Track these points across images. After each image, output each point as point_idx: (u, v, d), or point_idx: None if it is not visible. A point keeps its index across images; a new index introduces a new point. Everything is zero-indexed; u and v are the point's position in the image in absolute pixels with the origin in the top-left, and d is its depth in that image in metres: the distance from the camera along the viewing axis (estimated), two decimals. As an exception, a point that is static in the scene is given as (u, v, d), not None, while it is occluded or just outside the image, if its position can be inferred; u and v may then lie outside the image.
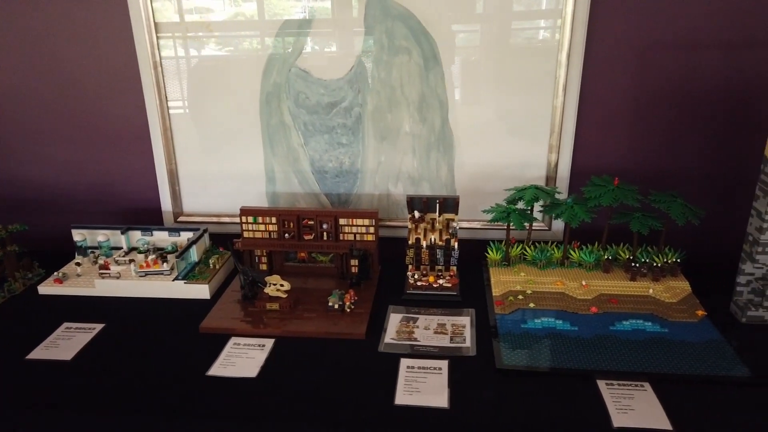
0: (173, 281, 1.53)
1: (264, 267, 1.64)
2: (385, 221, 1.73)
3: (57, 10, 1.62)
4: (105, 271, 1.56)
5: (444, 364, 1.22)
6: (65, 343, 1.32)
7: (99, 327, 1.39)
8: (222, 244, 1.70)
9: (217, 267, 1.60)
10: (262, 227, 1.60)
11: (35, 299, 1.54)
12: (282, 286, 1.45)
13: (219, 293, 1.53)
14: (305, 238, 1.59)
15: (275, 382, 1.18)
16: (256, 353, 1.27)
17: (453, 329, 1.35)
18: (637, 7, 1.47)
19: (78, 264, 1.64)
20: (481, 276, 1.60)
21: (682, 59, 1.51)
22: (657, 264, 1.49)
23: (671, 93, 1.54)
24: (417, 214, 1.56)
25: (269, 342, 1.31)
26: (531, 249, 1.58)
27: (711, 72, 1.51)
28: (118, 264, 1.62)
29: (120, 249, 1.70)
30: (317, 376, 1.20)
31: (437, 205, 1.56)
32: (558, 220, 1.52)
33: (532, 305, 1.42)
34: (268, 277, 1.47)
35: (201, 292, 1.52)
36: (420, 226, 1.57)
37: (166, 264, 1.57)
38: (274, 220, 1.59)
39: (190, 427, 1.09)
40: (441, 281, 1.54)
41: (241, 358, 1.26)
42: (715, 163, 1.60)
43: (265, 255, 1.63)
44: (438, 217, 1.57)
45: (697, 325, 1.33)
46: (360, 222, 1.56)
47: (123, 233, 1.70)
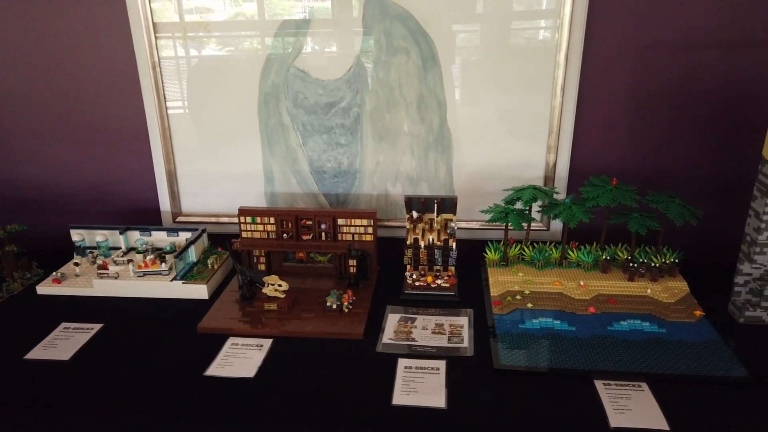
0: (171, 281, 1.53)
1: (262, 267, 1.64)
2: (384, 221, 1.73)
3: (56, 10, 1.62)
4: (103, 271, 1.56)
5: (442, 364, 1.22)
6: (63, 343, 1.32)
7: (97, 327, 1.39)
8: (220, 244, 1.70)
9: (216, 267, 1.60)
10: (260, 227, 1.60)
11: (34, 299, 1.55)
12: (280, 286, 1.46)
13: (217, 293, 1.53)
14: (303, 238, 1.59)
15: (273, 382, 1.18)
16: (254, 353, 1.27)
17: (451, 329, 1.35)
18: (636, 8, 1.47)
19: (76, 264, 1.65)
20: (480, 276, 1.60)
21: (680, 59, 1.51)
22: (655, 264, 1.49)
23: (670, 93, 1.54)
24: (415, 214, 1.56)
25: (267, 342, 1.31)
26: (529, 249, 1.58)
27: (709, 72, 1.51)
28: (116, 264, 1.62)
29: (118, 249, 1.70)
30: (315, 376, 1.20)
31: (435, 206, 1.56)
32: (556, 220, 1.51)
33: (530, 305, 1.42)
34: (266, 278, 1.47)
35: (199, 292, 1.52)
36: (418, 226, 1.57)
37: (164, 264, 1.57)
38: (272, 220, 1.59)
39: (187, 427, 1.09)
40: (439, 281, 1.54)
41: (239, 358, 1.26)
42: (714, 164, 1.60)
43: (264, 255, 1.63)
44: (436, 218, 1.57)
45: (695, 326, 1.33)
46: (358, 222, 1.56)
47: (121, 233, 1.70)
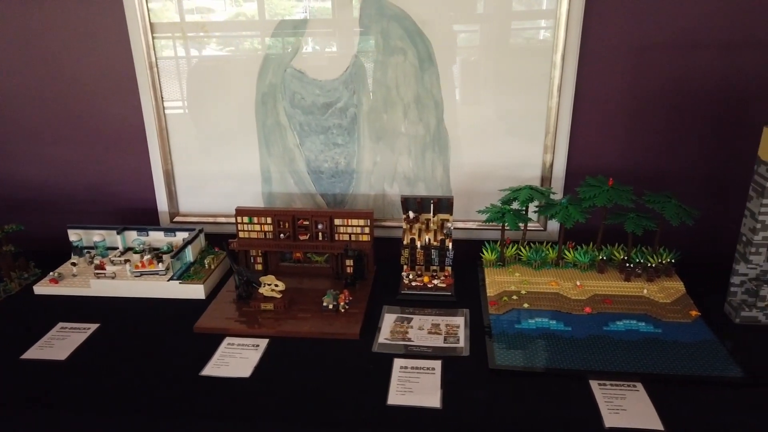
0: (168, 281, 1.53)
1: (259, 267, 1.64)
2: (381, 221, 1.73)
3: (53, 10, 1.62)
4: (100, 271, 1.56)
5: (437, 364, 1.22)
6: (60, 343, 1.32)
7: (94, 327, 1.39)
8: (218, 244, 1.71)
9: (213, 267, 1.60)
10: (257, 227, 1.60)
11: (31, 299, 1.55)
12: (276, 286, 1.46)
13: (214, 293, 1.54)
14: (300, 238, 1.59)
15: (268, 382, 1.18)
16: (250, 353, 1.28)
17: (447, 329, 1.35)
18: (633, 8, 1.47)
19: (74, 264, 1.65)
20: (476, 276, 1.60)
21: (677, 60, 1.51)
22: (651, 264, 1.49)
23: (666, 93, 1.54)
24: (411, 214, 1.57)
25: (263, 342, 1.31)
26: (526, 249, 1.58)
27: (706, 72, 1.51)
28: (113, 264, 1.62)
29: (116, 249, 1.71)
30: (310, 376, 1.20)
31: (431, 206, 1.56)
32: (553, 220, 1.51)
33: (526, 305, 1.42)
34: (262, 278, 1.47)
35: (196, 292, 1.52)
36: (415, 226, 1.57)
37: (161, 264, 1.57)
38: (269, 220, 1.59)
39: (182, 427, 1.09)
40: (436, 281, 1.54)
41: (235, 358, 1.26)
42: (710, 164, 1.60)
43: (261, 255, 1.63)
44: (432, 218, 1.58)
45: (691, 326, 1.33)
46: (355, 222, 1.56)
47: (119, 233, 1.70)
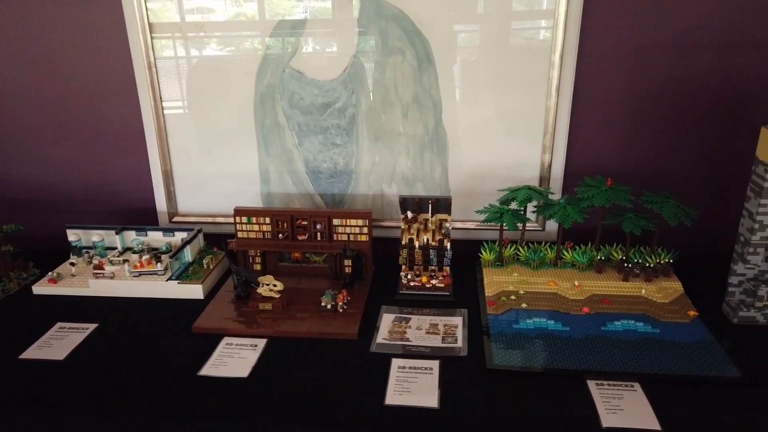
0: (167, 281, 1.53)
1: (258, 267, 1.64)
2: (379, 221, 1.73)
3: (52, 10, 1.62)
4: (99, 271, 1.56)
5: (435, 364, 1.22)
6: (58, 343, 1.32)
7: (92, 327, 1.39)
8: (217, 244, 1.71)
9: (211, 267, 1.60)
10: (255, 227, 1.60)
11: (30, 299, 1.55)
12: (275, 286, 1.46)
13: (213, 293, 1.54)
14: (299, 238, 1.59)
15: (266, 382, 1.18)
16: (248, 353, 1.28)
17: (445, 329, 1.35)
18: (631, 8, 1.47)
19: (72, 264, 1.65)
20: (475, 276, 1.60)
21: (676, 60, 1.51)
22: (650, 264, 1.49)
23: (664, 93, 1.54)
24: (410, 214, 1.57)
25: (261, 342, 1.31)
26: (524, 249, 1.58)
27: (704, 72, 1.51)
28: (112, 264, 1.62)
29: (115, 249, 1.71)
30: (308, 376, 1.20)
31: (430, 206, 1.56)
32: (551, 220, 1.52)
33: (524, 305, 1.42)
34: (261, 278, 1.47)
35: (194, 292, 1.52)
36: (413, 226, 1.57)
37: (160, 264, 1.57)
38: (267, 220, 1.59)
39: (180, 427, 1.09)
40: (434, 281, 1.54)
41: (233, 358, 1.26)
42: (709, 164, 1.60)
43: (259, 255, 1.63)
44: (431, 218, 1.58)
45: (689, 326, 1.33)
46: (354, 222, 1.56)
47: (117, 233, 1.70)
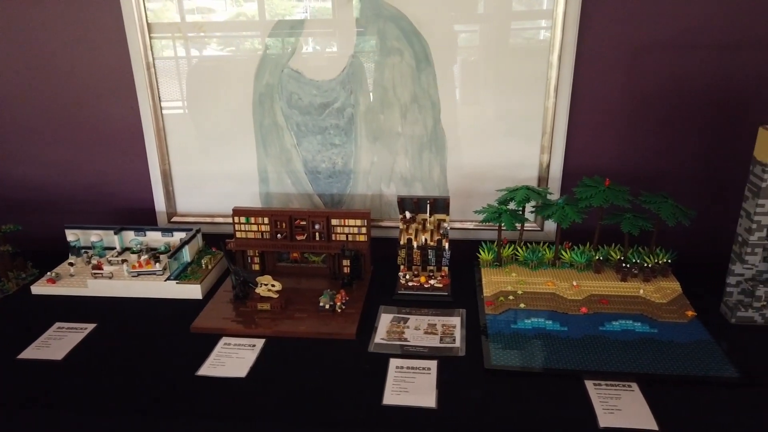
0: (165, 281, 1.53)
1: (256, 267, 1.64)
2: (378, 222, 1.73)
3: (51, 11, 1.62)
4: (98, 271, 1.56)
5: (433, 364, 1.22)
6: (56, 343, 1.33)
7: (91, 327, 1.39)
8: (215, 244, 1.71)
9: (210, 267, 1.61)
10: (254, 227, 1.60)
11: (28, 299, 1.55)
12: (273, 286, 1.46)
13: (211, 293, 1.54)
14: (297, 238, 1.59)
15: (264, 382, 1.18)
16: (246, 353, 1.28)
17: (443, 329, 1.35)
18: (630, 8, 1.47)
19: (71, 264, 1.65)
20: (473, 276, 1.60)
21: (674, 60, 1.51)
22: (648, 265, 1.49)
23: (663, 94, 1.54)
24: (408, 214, 1.57)
25: (260, 342, 1.31)
26: (523, 249, 1.58)
27: (703, 73, 1.51)
28: (110, 264, 1.62)
29: (113, 249, 1.71)
30: (306, 376, 1.20)
31: (428, 206, 1.56)
32: (550, 220, 1.52)
33: (522, 306, 1.42)
34: (259, 278, 1.47)
35: (193, 292, 1.52)
36: (411, 226, 1.57)
37: (158, 264, 1.57)
38: (266, 220, 1.59)
39: (178, 427, 1.09)
40: (432, 282, 1.54)
41: (231, 358, 1.26)
42: (707, 164, 1.61)
43: (258, 255, 1.63)
44: (429, 218, 1.58)
45: (687, 326, 1.33)
46: (352, 222, 1.57)
47: (116, 233, 1.70)
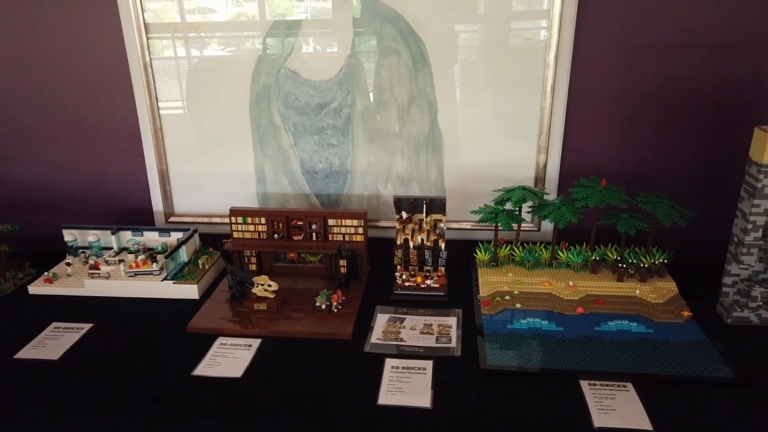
0: (162, 281, 1.53)
1: (253, 267, 1.65)
2: (374, 222, 1.73)
3: (49, 11, 1.62)
4: (95, 271, 1.56)
5: (429, 364, 1.22)
6: (53, 343, 1.33)
7: (87, 327, 1.39)
8: (212, 244, 1.71)
9: (207, 267, 1.61)
10: (251, 227, 1.60)
11: (25, 299, 1.55)
12: (270, 286, 1.46)
13: (208, 293, 1.54)
14: (294, 238, 1.59)
15: (260, 382, 1.19)
16: (242, 353, 1.28)
17: (439, 329, 1.35)
18: (627, 8, 1.47)
19: (68, 264, 1.65)
20: (470, 276, 1.60)
21: (671, 60, 1.51)
22: (644, 265, 1.49)
23: (660, 94, 1.54)
24: (404, 214, 1.57)
25: (256, 342, 1.31)
26: (519, 250, 1.58)
27: (700, 73, 1.51)
28: (108, 264, 1.62)
29: (110, 249, 1.71)
30: (302, 376, 1.20)
31: (424, 206, 1.56)
32: (546, 220, 1.52)
33: (518, 306, 1.42)
34: (255, 278, 1.47)
35: (190, 292, 1.53)
36: (408, 226, 1.58)
37: (155, 264, 1.57)
38: (263, 220, 1.59)
39: (173, 427, 1.10)
40: (429, 282, 1.54)
41: (228, 358, 1.26)
42: (707, 164, 1.61)
43: (255, 255, 1.63)
44: (425, 218, 1.58)
45: (683, 326, 1.33)
46: (349, 222, 1.57)
47: (113, 233, 1.70)
